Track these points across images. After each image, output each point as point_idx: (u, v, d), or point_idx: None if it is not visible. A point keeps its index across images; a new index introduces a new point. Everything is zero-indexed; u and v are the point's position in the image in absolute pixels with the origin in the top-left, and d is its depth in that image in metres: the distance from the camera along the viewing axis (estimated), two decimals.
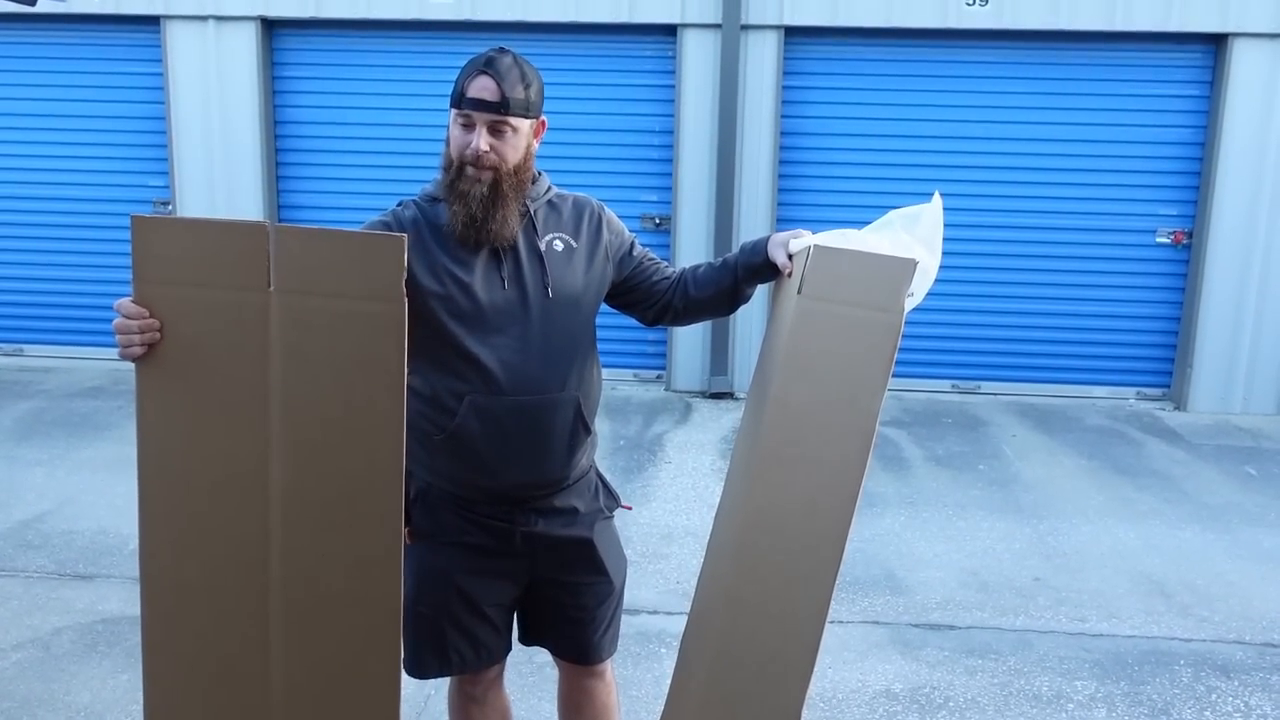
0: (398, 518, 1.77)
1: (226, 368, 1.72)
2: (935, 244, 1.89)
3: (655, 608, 3.96)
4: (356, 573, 1.78)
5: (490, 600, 2.17)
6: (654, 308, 2.28)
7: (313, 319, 1.70)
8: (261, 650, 1.81)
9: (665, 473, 5.58)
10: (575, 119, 7.16)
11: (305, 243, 1.70)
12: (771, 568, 1.80)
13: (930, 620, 3.93)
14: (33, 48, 7.53)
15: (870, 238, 1.89)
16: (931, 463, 5.82)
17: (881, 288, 1.71)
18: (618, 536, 2.34)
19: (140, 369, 1.72)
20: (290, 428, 1.73)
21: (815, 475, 1.75)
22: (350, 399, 1.72)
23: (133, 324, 1.68)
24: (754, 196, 7.13)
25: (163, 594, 1.80)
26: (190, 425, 1.74)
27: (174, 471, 1.75)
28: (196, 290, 1.69)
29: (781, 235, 2.05)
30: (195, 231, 1.71)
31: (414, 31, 7.26)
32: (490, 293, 2.02)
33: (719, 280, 2.21)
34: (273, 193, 7.50)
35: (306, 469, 1.75)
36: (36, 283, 7.75)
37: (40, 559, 4.28)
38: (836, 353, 1.75)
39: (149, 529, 1.77)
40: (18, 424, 6.17)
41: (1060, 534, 4.80)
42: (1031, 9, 6.89)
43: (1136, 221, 7.20)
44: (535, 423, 2.05)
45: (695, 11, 7.01)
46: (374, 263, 1.67)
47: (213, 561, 1.78)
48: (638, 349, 7.51)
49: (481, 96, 1.97)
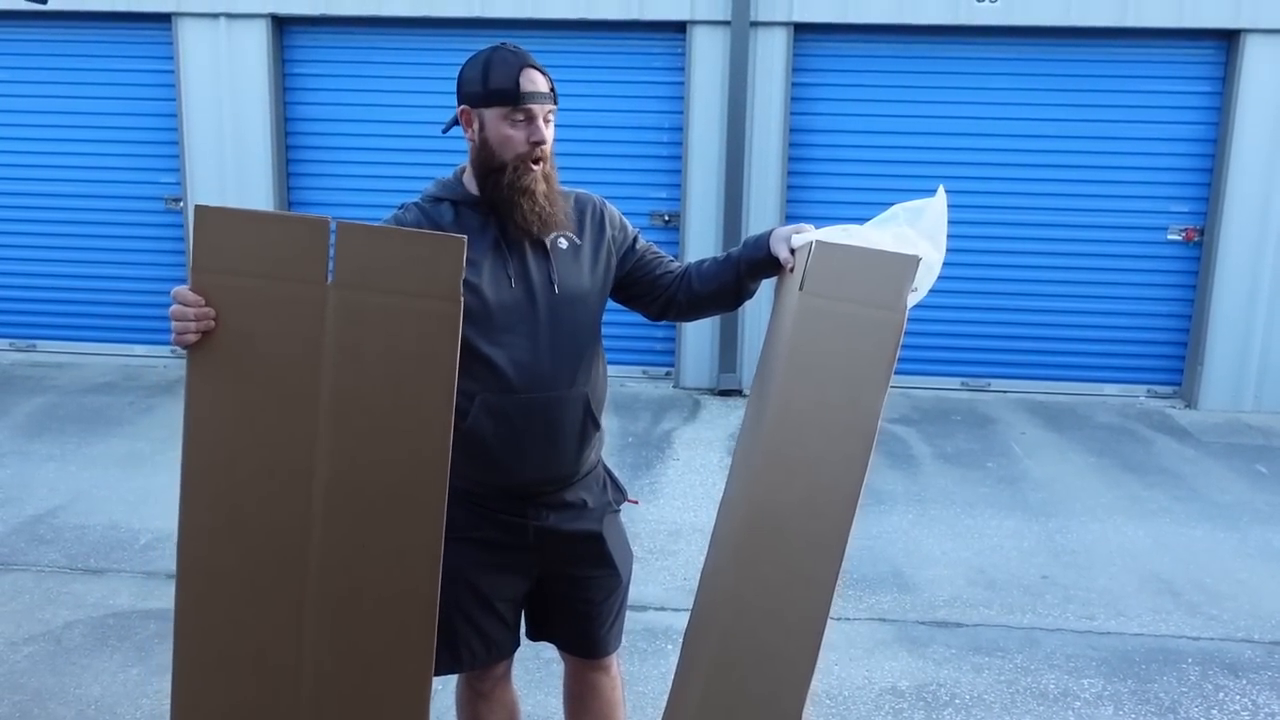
0: (440, 515, 1.79)
1: (279, 359, 1.74)
2: (940, 238, 1.88)
3: (662, 604, 3.97)
4: (395, 567, 1.80)
5: (501, 595, 2.19)
6: (658, 302, 2.29)
7: (368, 315, 1.73)
8: (294, 640, 1.82)
9: (673, 469, 5.59)
10: (584, 116, 7.17)
11: (367, 240, 1.73)
12: (772, 568, 1.80)
13: (937, 618, 3.93)
14: (45, 45, 7.56)
15: (873, 233, 1.89)
16: (940, 460, 5.81)
17: (884, 285, 1.70)
18: (624, 530, 2.36)
19: (192, 356, 1.74)
20: (338, 421, 1.75)
21: (816, 475, 1.75)
22: (400, 395, 1.75)
23: (189, 311, 1.70)
24: (763, 194, 7.13)
25: (197, 579, 1.81)
26: (238, 414, 1.76)
27: (218, 459, 1.77)
28: (254, 281, 1.72)
29: (784, 230, 2.05)
30: (258, 224, 1.73)
31: (424, 28, 7.27)
32: (498, 292, 2.03)
33: (722, 275, 2.21)
34: (283, 189, 7.52)
35: (352, 462, 1.77)
36: (49, 279, 7.78)
37: (52, 553, 4.31)
38: (838, 351, 1.75)
39: (189, 514, 1.79)
40: (30, 419, 6.20)
41: (1069, 532, 4.79)
42: (1042, 5, 6.86)
43: (1147, 219, 7.16)
44: (546, 419, 2.07)
45: (705, 8, 7.00)
46: (434, 262, 1.71)
47: (251, 549, 1.79)
48: (646, 345, 7.51)
49: (539, 89, 2.02)
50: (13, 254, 7.82)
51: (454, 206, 2.09)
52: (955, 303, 7.17)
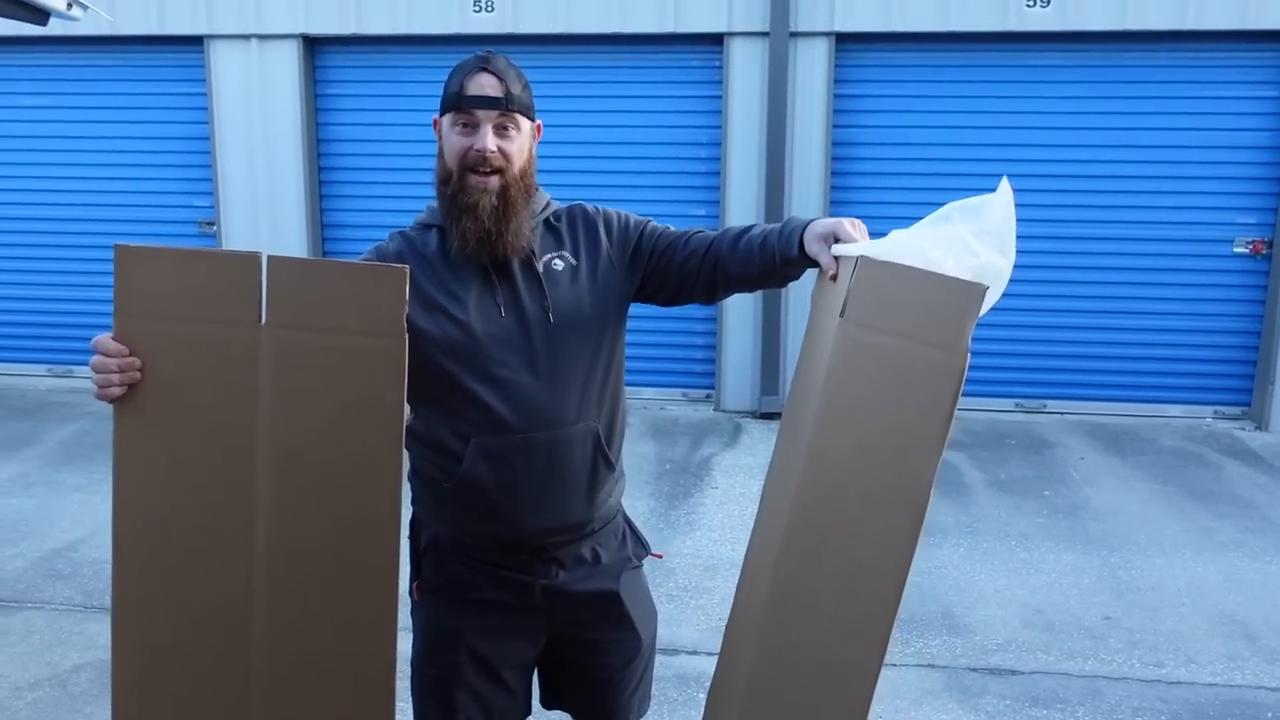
0: (393, 575, 1.63)
1: (211, 409, 1.61)
2: (1007, 240, 1.54)
3: (695, 647, 3.75)
4: (347, 635, 1.65)
5: (506, 662, 1.99)
6: (698, 288, 2.00)
7: (306, 356, 1.59)
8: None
9: (711, 499, 5.37)
10: (620, 131, 7.05)
11: (300, 274, 1.60)
12: (801, 652, 1.54)
13: (990, 664, 3.66)
14: (80, 70, 7.59)
15: (924, 237, 1.56)
16: (993, 488, 5.53)
17: (942, 318, 1.39)
18: (647, 587, 2.14)
19: (118, 411, 1.62)
20: (278, 474, 1.62)
21: (854, 550, 1.47)
22: (344, 443, 1.61)
23: (111, 362, 1.58)
24: (805, 208, 6.89)
25: (133, 656, 1.67)
26: (170, 472, 1.63)
27: (151, 522, 1.64)
28: (182, 325, 1.60)
29: (824, 225, 1.75)
30: (183, 262, 1.61)
31: (455, 46, 7.15)
32: (487, 323, 1.84)
33: (762, 262, 1.91)
34: (315, 210, 7.45)
35: (295, 520, 1.63)
36: (85, 304, 7.77)
37: (68, 590, 4.20)
38: (884, 397, 1.46)
39: (121, 584, 1.66)
40: (60, 447, 6.15)
41: (1133, 567, 4.49)
42: (1096, 9, 6.59)
43: (1212, 230, 6.85)
44: (549, 460, 1.86)
45: (742, 20, 6.82)
46: (373, 296, 1.57)
47: (190, 621, 1.65)
48: (685, 367, 7.32)
49: (484, 93, 1.82)
50: (50, 279, 7.84)
51: (440, 233, 1.91)
52: (1008, 320, 6.89)
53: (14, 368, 7.90)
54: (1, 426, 6.58)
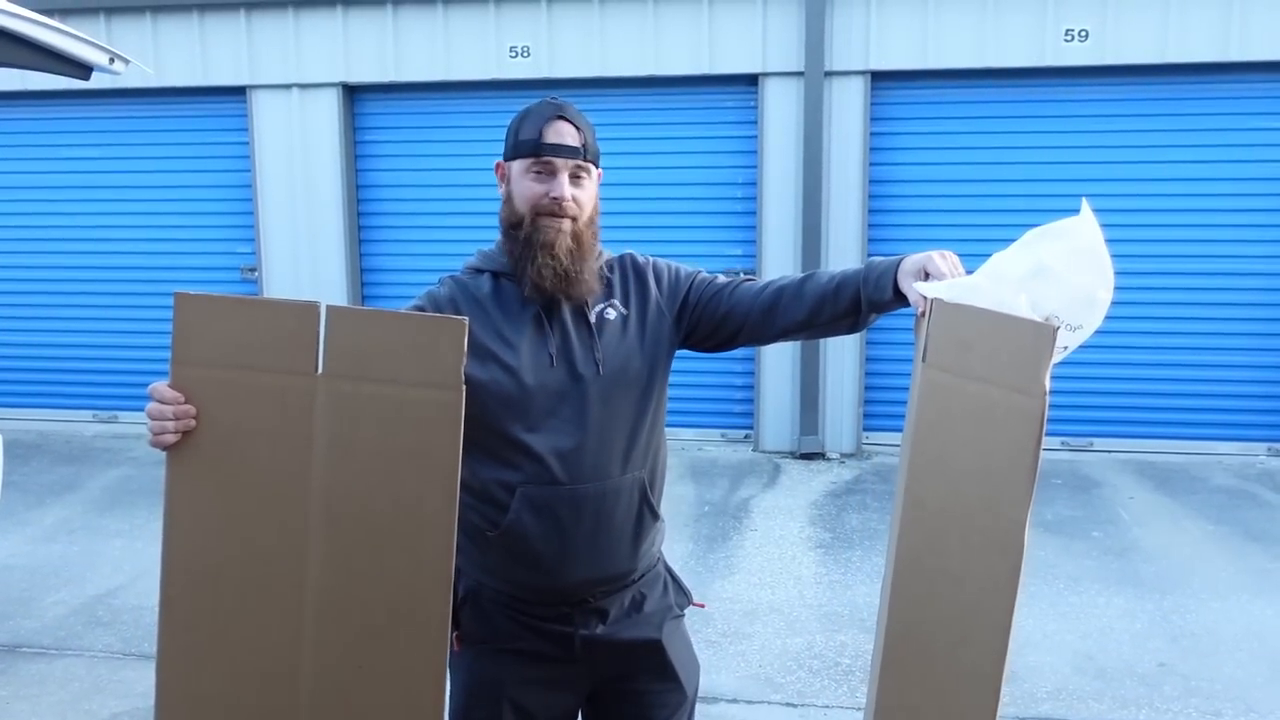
0: (444, 629, 1.61)
1: (265, 459, 1.60)
2: (1101, 264, 1.49)
3: (735, 695, 3.67)
4: (396, 689, 1.62)
5: (547, 714, 1.96)
6: (742, 335, 1.97)
7: (362, 407, 1.58)
8: None
9: (750, 541, 5.29)
10: (656, 173, 7.06)
11: (359, 324, 1.59)
12: (923, 696, 1.52)
13: (1040, 713, 3.56)
14: (124, 120, 7.76)
15: (1010, 270, 1.51)
16: (1039, 529, 5.39)
17: (1017, 361, 1.38)
18: (689, 637, 2.10)
19: (171, 458, 1.60)
20: (331, 526, 1.60)
21: (961, 595, 1.45)
22: (398, 495, 1.59)
23: (167, 409, 1.57)
24: (842, 249, 6.84)
25: (178, 707, 1.65)
26: (221, 521, 1.61)
27: (200, 571, 1.62)
28: (238, 374, 1.59)
29: (914, 261, 1.70)
30: (241, 310, 1.60)
31: (493, 91, 7.24)
32: (538, 374, 1.84)
33: (835, 308, 1.87)
34: (355, 255, 7.53)
35: (347, 572, 1.61)
36: (130, 349, 7.88)
37: (108, 637, 4.21)
38: (970, 441, 1.44)
39: (168, 634, 1.63)
40: (105, 492, 6.21)
41: (1187, 611, 4.35)
42: (1136, 42, 6.52)
43: (1263, 264, 6.71)
44: (596, 512, 1.85)
45: (777, 60, 6.82)
46: (432, 347, 1.56)
47: (236, 674, 1.63)
48: (724, 407, 7.26)
49: (564, 141, 1.84)
50: (96, 325, 7.97)
51: (494, 278, 1.91)
52: None
53: (60, 413, 8.01)
54: (47, 472, 6.66)
